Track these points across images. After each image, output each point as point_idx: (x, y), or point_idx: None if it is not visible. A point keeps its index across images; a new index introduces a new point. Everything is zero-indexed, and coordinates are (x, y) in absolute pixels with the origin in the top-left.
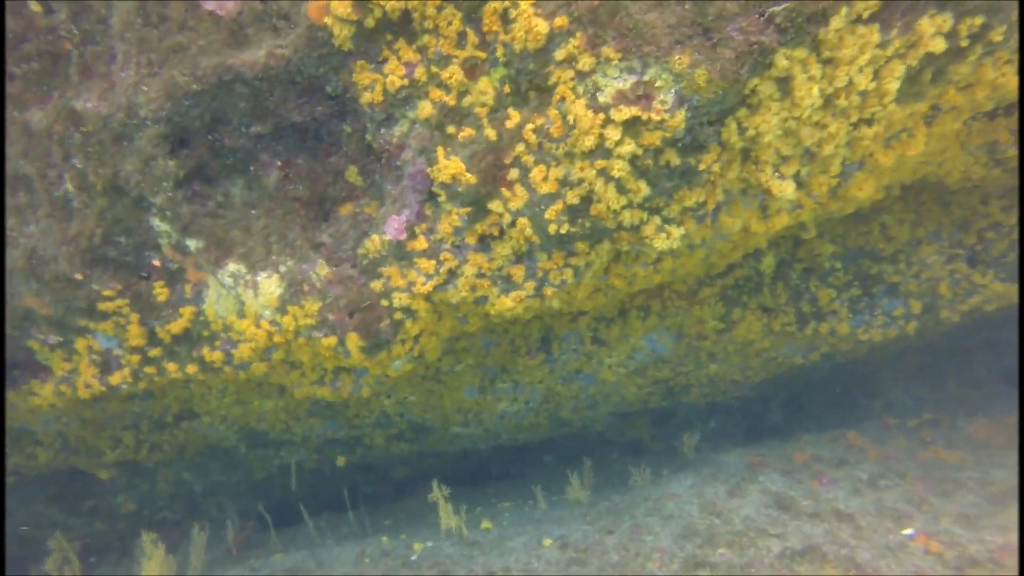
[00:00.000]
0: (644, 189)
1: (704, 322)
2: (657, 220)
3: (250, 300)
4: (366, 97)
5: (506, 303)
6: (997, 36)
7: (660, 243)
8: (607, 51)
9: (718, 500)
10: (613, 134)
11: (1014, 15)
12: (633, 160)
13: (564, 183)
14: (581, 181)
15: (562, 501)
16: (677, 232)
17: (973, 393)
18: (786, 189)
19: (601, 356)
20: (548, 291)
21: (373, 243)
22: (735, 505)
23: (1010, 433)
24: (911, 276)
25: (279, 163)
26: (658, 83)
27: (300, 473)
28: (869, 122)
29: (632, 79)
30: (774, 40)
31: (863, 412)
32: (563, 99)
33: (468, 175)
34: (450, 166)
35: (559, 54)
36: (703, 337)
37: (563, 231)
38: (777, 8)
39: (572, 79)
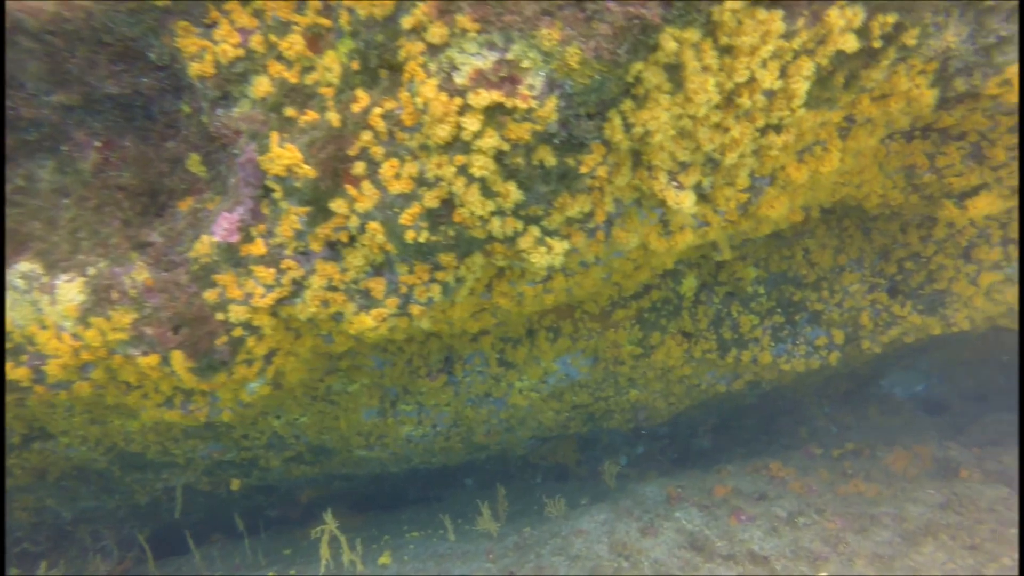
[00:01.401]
0: (515, 193)
1: (620, 346)
2: (536, 231)
3: (47, 308)
4: (195, 69)
5: (366, 322)
6: (911, 39)
7: (539, 258)
8: (463, 20)
9: (629, 539)
10: (472, 124)
11: (927, 16)
12: (499, 157)
13: (420, 182)
14: (439, 180)
15: (473, 532)
16: (560, 246)
17: (893, 420)
18: (683, 201)
19: (510, 379)
20: (415, 309)
21: (202, 245)
22: (646, 545)
23: (923, 464)
24: (834, 304)
25: (98, 144)
26: (524, 63)
27: (194, 495)
28: (778, 128)
29: (493, 56)
30: (658, 15)
31: (789, 439)
32: (413, 78)
33: (305, 167)
34: (284, 155)
35: (407, 22)
36: (620, 362)
37: (422, 240)
38: None
39: (423, 54)
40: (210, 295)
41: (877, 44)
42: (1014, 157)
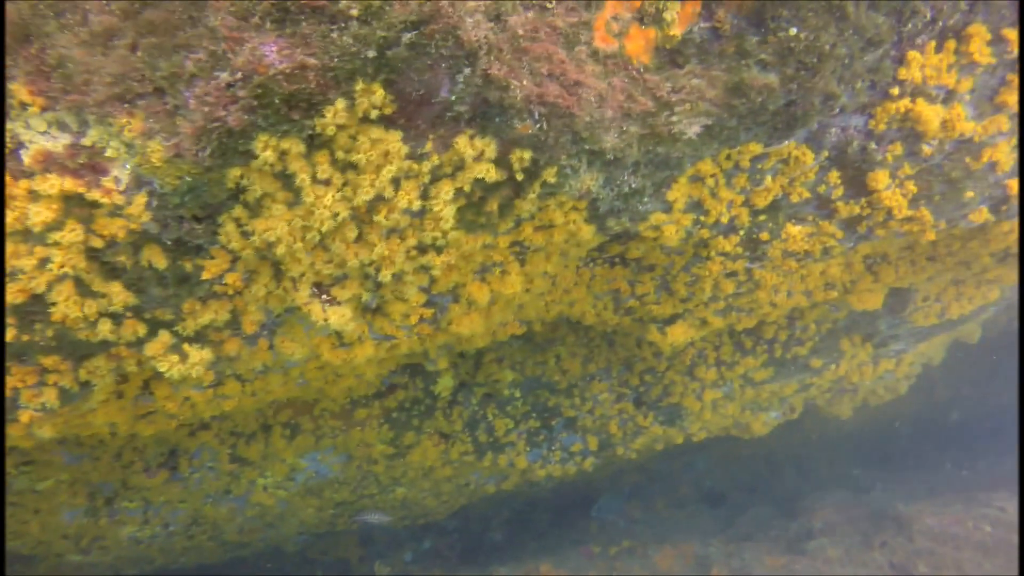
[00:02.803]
0: (123, 295)
1: (371, 445)
2: (167, 338)
3: None
4: None
5: None
6: (550, 177)
7: (169, 367)
8: (19, 91)
9: None
10: (43, 213)
11: (562, 158)
12: (94, 254)
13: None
14: (19, 272)
15: None
16: (200, 355)
17: (678, 513)
18: (331, 316)
19: (250, 476)
20: (26, 416)
21: None
22: None
23: (687, 561)
24: (586, 412)
25: None
26: (110, 152)
27: None
28: (437, 248)
29: (66, 139)
30: (241, 120)
31: (580, 533)
32: None
33: None
34: None
35: None
36: (373, 461)
37: (10, 339)
38: (236, 81)
39: None
40: None
41: (520, 177)
42: (694, 292)
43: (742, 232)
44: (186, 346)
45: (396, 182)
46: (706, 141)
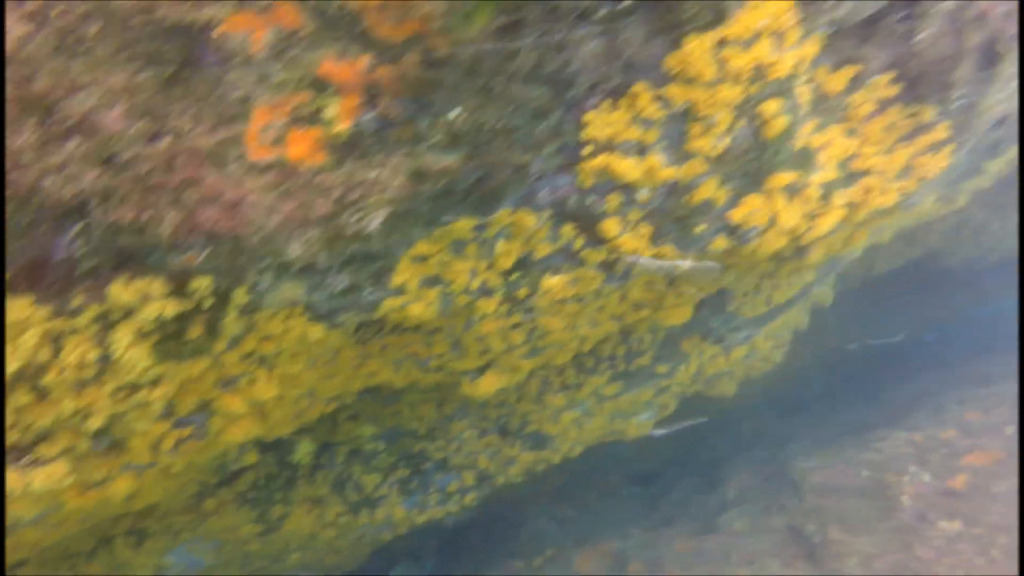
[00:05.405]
0: None
1: (237, 528)
2: None
3: None
4: None
5: None
6: (242, 297)
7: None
8: None
9: None
10: None
11: (250, 274)
12: None
13: None
14: None
15: None
16: None
17: (611, 501)
18: (36, 480)
19: None
20: None
21: None
22: None
23: (606, 560)
24: (454, 451)
25: None
26: None
27: None
28: (153, 383)
29: None
30: None
31: (511, 544)
32: None
33: None
34: None
35: None
36: (246, 541)
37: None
38: None
39: None
40: None
41: (209, 302)
42: (488, 347)
43: (499, 293)
44: None
45: (56, 341)
46: (403, 229)
